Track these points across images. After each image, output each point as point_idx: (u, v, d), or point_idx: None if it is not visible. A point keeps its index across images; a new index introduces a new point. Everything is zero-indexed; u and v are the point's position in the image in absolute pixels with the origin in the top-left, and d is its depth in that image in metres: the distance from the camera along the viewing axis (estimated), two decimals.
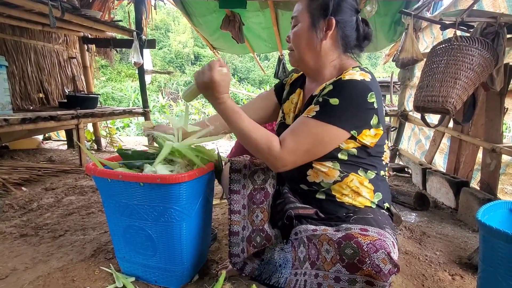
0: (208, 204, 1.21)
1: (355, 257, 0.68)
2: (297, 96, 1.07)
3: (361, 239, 0.69)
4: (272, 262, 1.04)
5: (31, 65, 3.39)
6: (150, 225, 1.05)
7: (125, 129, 8.09)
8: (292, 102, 1.08)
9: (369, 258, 0.67)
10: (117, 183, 1.02)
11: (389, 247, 0.69)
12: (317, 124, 0.84)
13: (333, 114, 0.83)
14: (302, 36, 0.94)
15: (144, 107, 3.70)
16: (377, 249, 0.67)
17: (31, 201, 1.92)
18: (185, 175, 0.97)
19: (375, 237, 0.70)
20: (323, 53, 0.94)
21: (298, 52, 0.96)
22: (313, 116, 0.84)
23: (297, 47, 0.96)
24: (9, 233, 1.50)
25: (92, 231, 1.54)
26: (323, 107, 0.84)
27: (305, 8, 0.94)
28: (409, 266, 1.31)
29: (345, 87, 0.85)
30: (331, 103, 0.84)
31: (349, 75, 0.87)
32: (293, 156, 0.85)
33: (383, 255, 0.67)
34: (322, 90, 0.90)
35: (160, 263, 1.09)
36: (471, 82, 1.28)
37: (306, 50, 0.95)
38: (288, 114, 1.08)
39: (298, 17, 0.95)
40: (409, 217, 1.81)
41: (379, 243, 0.68)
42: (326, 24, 0.92)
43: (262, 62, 16.38)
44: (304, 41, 0.94)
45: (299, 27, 0.94)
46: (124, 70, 13.50)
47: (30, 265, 1.24)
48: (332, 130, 0.83)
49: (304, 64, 0.99)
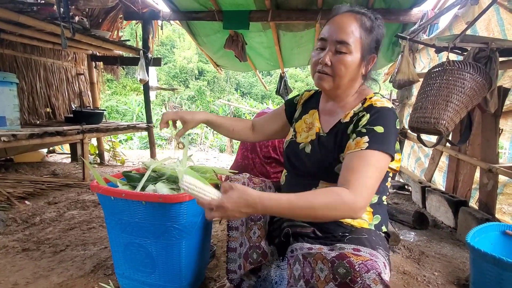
0: (207, 222, 1.23)
1: (347, 276, 0.70)
2: (311, 116, 1.07)
3: (353, 259, 0.71)
4: (268, 279, 1.06)
5: (40, 81, 3.51)
6: (150, 242, 1.08)
7: (128, 142, 8.18)
8: (305, 121, 1.08)
9: (360, 278, 0.68)
10: (120, 201, 1.05)
11: (380, 267, 0.70)
12: (373, 153, 0.83)
13: (382, 142, 0.85)
14: (350, 67, 0.91)
15: (148, 122, 3.77)
16: (369, 269, 0.69)
17: (34, 215, 1.95)
18: (186, 195, 1.00)
19: (367, 257, 0.72)
20: (356, 83, 0.97)
21: (339, 79, 0.93)
22: (367, 148, 0.83)
23: (340, 75, 0.92)
24: (12, 247, 1.52)
25: (92, 246, 1.56)
26: (372, 137, 0.85)
27: (359, 39, 0.90)
28: (407, 286, 1.30)
29: (384, 115, 0.88)
30: (377, 131, 0.85)
31: (379, 102, 0.91)
32: (365, 192, 0.80)
33: (374, 275, 0.68)
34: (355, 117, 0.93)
35: (159, 280, 1.11)
36: (463, 105, 1.32)
37: (346, 79, 0.93)
38: (299, 132, 1.08)
39: (350, 46, 0.89)
40: (408, 236, 1.81)
41: (370, 263, 0.70)
42: (371, 59, 0.95)
43: (264, 78, 16.67)
44: (350, 72, 0.92)
45: (350, 58, 0.90)
46: (129, 84, 13.78)
47: (31, 280, 1.25)
48: (386, 157, 0.85)
49: (335, 90, 0.97)
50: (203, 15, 3.23)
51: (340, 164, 0.91)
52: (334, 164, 0.93)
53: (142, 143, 8.29)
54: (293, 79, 16.26)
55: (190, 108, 12.98)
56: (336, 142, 0.95)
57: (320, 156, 0.97)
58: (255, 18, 3.15)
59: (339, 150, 0.93)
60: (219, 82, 16.54)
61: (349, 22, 0.91)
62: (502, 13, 1.79)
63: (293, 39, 3.73)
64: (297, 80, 16.50)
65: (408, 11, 2.96)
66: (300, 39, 3.73)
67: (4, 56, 3.14)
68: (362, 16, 0.92)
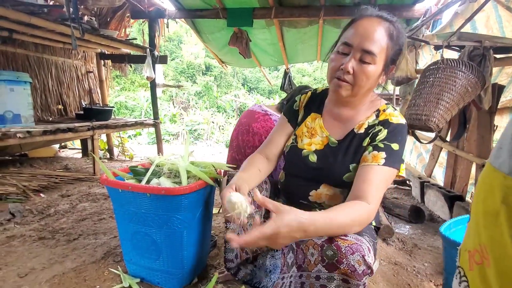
0: (208, 213, 1.32)
1: (334, 258, 0.77)
2: (313, 121, 1.06)
3: (340, 243, 0.78)
4: (263, 268, 1.13)
5: (52, 79, 3.65)
6: (155, 231, 1.17)
7: (137, 137, 8.36)
8: (306, 125, 1.07)
9: (346, 259, 0.75)
10: (127, 193, 1.15)
11: (364, 250, 0.77)
12: (388, 170, 0.89)
13: (396, 159, 0.90)
14: (372, 78, 0.89)
15: (155, 118, 3.89)
16: (354, 252, 0.76)
17: (49, 207, 2.08)
18: (186, 188, 1.09)
19: (352, 241, 0.78)
20: (371, 92, 0.98)
21: (358, 89, 0.91)
22: (383, 164, 0.88)
23: (360, 85, 0.90)
24: (28, 236, 1.65)
25: (103, 235, 1.68)
26: (388, 154, 0.89)
27: (384, 50, 0.88)
28: (396, 276, 1.37)
29: (400, 132, 0.93)
30: (394, 149, 0.90)
31: (395, 117, 0.94)
32: (377, 203, 0.88)
33: (358, 257, 0.75)
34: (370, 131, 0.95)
35: (163, 266, 1.21)
36: (454, 103, 1.36)
37: (365, 89, 0.92)
38: (300, 137, 1.07)
39: (376, 57, 0.87)
40: (402, 229, 1.87)
41: (355, 246, 0.77)
42: (391, 69, 0.94)
43: (271, 73, 16.62)
44: (371, 82, 0.90)
45: (373, 68, 0.88)
46: (137, 80, 13.96)
47: (47, 265, 1.37)
48: (395, 173, 0.91)
49: (351, 98, 0.95)
50: (208, 13, 3.29)
51: (349, 174, 0.95)
52: (343, 173, 0.95)
53: (150, 138, 8.46)
54: (300, 73, 16.17)
55: (197, 103, 13.08)
56: (349, 152, 0.97)
57: (329, 165, 0.98)
58: (258, 15, 3.19)
59: (352, 160, 0.95)
60: (226, 78, 16.59)
61: (378, 30, 0.87)
62: (500, 10, 1.80)
63: (296, 35, 3.76)
64: (304, 75, 16.40)
65: (411, 6, 2.96)
66: (303, 35, 3.76)
67: (17, 55, 3.28)
68: (390, 24, 0.89)
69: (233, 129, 1.81)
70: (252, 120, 1.70)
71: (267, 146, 1.12)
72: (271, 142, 1.12)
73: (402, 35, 0.91)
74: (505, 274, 0.33)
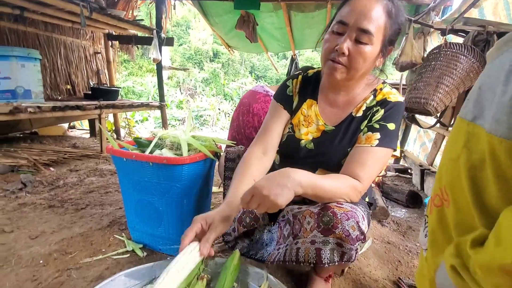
0: (207, 187, 1.38)
1: (330, 223, 0.80)
2: (309, 108, 1.02)
3: (336, 210, 0.81)
4: (260, 241, 1.16)
5: (61, 58, 3.71)
6: (157, 200, 1.23)
7: (143, 123, 8.46)
8: (302, 113, 1.03)
9: (341, 224, 0.79)
10: (131, 162, 1.21)
11: (358, 217, 0.81)
12: (381, 150, 0.88)
13: (391, 139, 0.89)
14: (368, 60, 0.85)
15: (160, 101, 3.94)
16: (349, 218, 0.79)
17: (58, 179, 2.17)
18: (186, 158, 1.14)
19: (348, 209, 0.82)
20: (367, 75, 0.93)
21: (354, 72, 0.86)
22: (377, 145, 0.88)
23: (356, 68, 0.85)
24: (39, 204, 1.74)
25: (109, 206, 1.76)
26: (383, 134, 0.88)
27: (382, 29, 0.83)
28: (388, 253, 1.42)
29: (397, 111, 0.90)
30: (389, 128, 0.89)
31: (393, 95, 0.92)
32: (369, 183, 0.89)
33: (353, 223, 0.79)
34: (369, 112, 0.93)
35: (164, 233, 1.28)
36: (454, 87, 1.37)
37: (361, 72, 0.87)
38: (298, 126, 1.03)
39: (372, 36, 0.81)
40: (399, 212, 1.91)
41: (350, 213, 0.80)
42: (389, 51, 0.90)
43: (279, 61, 16.44)
44: (368, 64, 0.86)
45: (370, 49, 0.83)
46: (145, 65, 13.98)
47: (56, 229, 1.46)
48: (390, 152, 0.91)
49: (346, 82, 0.91)
50: None
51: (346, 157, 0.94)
52: (341, 158, 0.95)
53: (157, 123, 8.56)
54: (308, 62, 15.96)
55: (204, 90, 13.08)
56: (346, 137, 0.95)
57: (326, 151, 0.97)
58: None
59: (349, 144, 0.95)
60: (233, 65, 16.48)
61: (375, 7, 0.81)
62: None
63: (304, 19, 3.72)
64: (313, 63, 16.18)
65: None
66: (311, 20, 3.72)
67: (28, 34, 3.33)
68: (389, 1, 0.83)
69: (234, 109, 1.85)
70: (253, 100, 1.73)
71: (265, 137, 1.03)
72: (268, 131, 1.03)
73: (401, 13, 0.86)
74: (461, 211, 0.37)
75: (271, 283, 0.89)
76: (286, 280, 1.15)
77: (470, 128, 0.37)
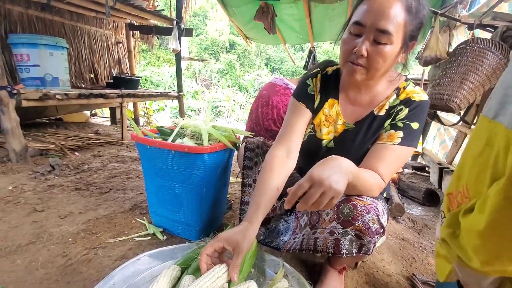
0: (225, 176, 1.42)
1: (350, 215, 0.82)
2: (330, 107, 1.01)
3: (357, 202, 0.83)
4: (275, 230, 1.19)
5: (85, 47, 3.83)
6: (177, 186, 1.29)
7: (160, 113, 8.64)
8: (323, 113, 1.02)
9: (361, 217, 0.80)
10: (154, 150, 1.26)
11: (379, 211, 0.82)
12: (403, 149, 0.88)
13: (414, 138, 0.89)
14: (389, 59, 0.82)
15: (179, 91, 4.01)
16: (369, 211, 0.81)
17: (83, 164, 2.28)
18: (207, 148, 1.18)
19: (368, 202, 0.83)
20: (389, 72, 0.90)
21: (374, 72, 0.84)
22: (399, 143, 0.87)
23: (376, 68, 0.82)
24: (66, 186, 1.84)
25: (130, 191, 1.84)
26: (406, 133, 0.88)
27: (402, 26, 0.79)
28: (402, 249, 1.43)
29: (422, 111, 0.89)
30: (413, 128, 0.88)
31: (416, 94, 0.91)
32: (388, 179, 0.89)
33: (373, 216, 0.80)
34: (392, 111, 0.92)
35: (183, 218, 1.33)
36: (479, 83, 1.33)
37: (382, 70, 0.84)
38: (319, 126, 1.02)
39: (392, 36, 0.78)
40: (414, 210, 1.89)
41: (371, 207, 0.82)
42: (411, 46, 0.86)
43: (296, 53, 16.21)
44: (388, 63, 0.83)
45: (390, 49, 0.80)
46: (162, 55, 14.16)
47: (83, 211, 1.55)
48: (412, 150, 0.90)
49: (366, 81, 0.89)
50: None
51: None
52: (362, 156, 0.93)
53: (173, 113, 8.71)
54: (326, 55, 15.64)
55: (219, 81, 13.13)
56: (368, 136, 0.94)
57: (347, 149, 0.96)
58: None
59: (370, 142, 0.94)
60: (249, 56, 16.40)
61: (392, 5, 0.77)
62: None
63: (324, 11, 3.64)
64: (330, 56, 15.86)
65: None
66: (332, 12, 3.64)
67: (54, 22, 3.45)
68: None
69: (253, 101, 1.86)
70: (273, 93, 1.74)
71: (289, 137, 1.00)
72: (292, 132, 1.00)
73: (422, 6, 0.82)
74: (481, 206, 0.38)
75: (287, 270, 0.93)
76: (300, 269, 1.19)
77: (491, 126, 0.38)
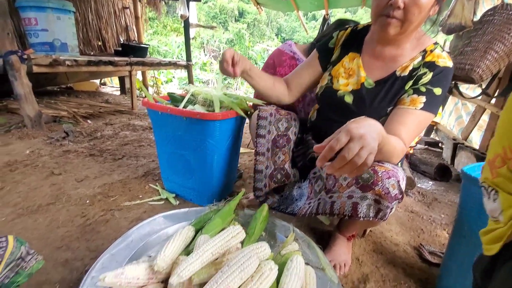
0: (236, 144, 1.41)
1: (370, 180, 0.80)
2: (351, 61, 1.01)
3: (377, 168, 0.81)
4: (289, 197, 1.19)
5: (92, 13, 3.72)
6: (189, 153, 1.30)
7: (168, 84, 8.56)
8: (343, 65, 1.03)
9: (381, 182, 0.79)
10: (165, 116, 1.25)
11: (399, 177, 0.81)
12: (424, 114, 0.87)
13: (436, 104, 0.88)
14: (425, 10, 0.81)
15: (187, 60, 3.92)
16: (390, 176, 0.79)
17: (96, 131, 2.32)
18: (219, 114, 1.17)
19: (389, 168, 0.82)
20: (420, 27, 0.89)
21: (408, 25, 0.83)
22: (421, 108, 0.87)
23: (411, 21, 0.82)
24: (81, 152, 1.88)
25: (143, 158, 1.88)
26: (429, 98, 0.87)
27: None
28: (411, 221, 1.44)
29: (446, 77, 0.88)
30: (435, 94, 0.87)
31: (442, 59, 0.88)
32: (408, 145, 0.88)
33: (394, 181, 0.79)
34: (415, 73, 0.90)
35: (195, 185, 1.36)
36: (504, 54, 1.23)
37: (416, 22, 0.83)
38: (336, 77, 1.03)
39: None
40: (425, 184, 1.88)
41: (392, 172, 0.80)
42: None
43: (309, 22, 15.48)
44: (423, 15, 0.82)
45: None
46: (169, 23, 13.73)
47: (98, 175, 1.59)
48: (432, 117, 0.89)
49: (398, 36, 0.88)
50: None
51: (386, 117, 0.92)
52: (381, 117, 0.93)
53: (182, 84, 8.62)
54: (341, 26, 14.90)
55: None
56: (388, 97, 0.93)
57: (365, 109, 0.95)
58: None
59: (389, 104, 0.93)
60: (259, 26, 15.77)
61: None
62: None
63: None
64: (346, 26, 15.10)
65: None
66: None
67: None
68: None
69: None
70: (279, 63, 1.67)
71: (291, 75, 1.18)
72: (295, 72, 1.17)
73: None
74: None
75: (297, 235, 0.95)
76: (309, 236, 1.21)
77: None
